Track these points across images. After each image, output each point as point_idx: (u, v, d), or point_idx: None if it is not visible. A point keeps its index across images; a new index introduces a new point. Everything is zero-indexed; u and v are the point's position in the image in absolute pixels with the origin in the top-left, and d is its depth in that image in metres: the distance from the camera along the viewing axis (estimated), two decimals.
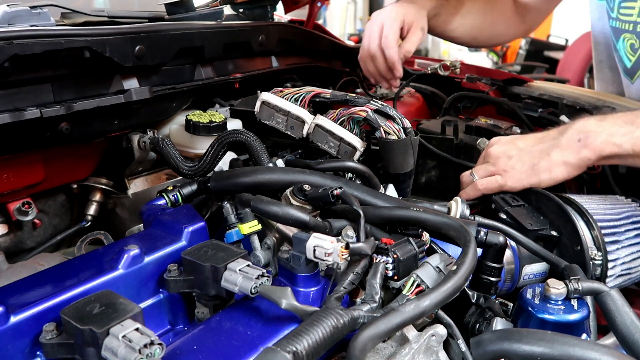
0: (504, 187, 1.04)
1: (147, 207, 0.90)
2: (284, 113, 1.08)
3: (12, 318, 0.58)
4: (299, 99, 1.09)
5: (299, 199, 0.84)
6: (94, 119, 0.97)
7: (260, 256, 0.84)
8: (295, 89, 1.12)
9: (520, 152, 1.04)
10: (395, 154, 1.04)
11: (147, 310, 0.71)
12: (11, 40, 0.77)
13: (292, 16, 1.90)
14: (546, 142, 1.03)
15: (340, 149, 1.06)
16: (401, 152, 1.03)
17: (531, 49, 6.10)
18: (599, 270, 0.91)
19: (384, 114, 1.04)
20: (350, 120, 1.07)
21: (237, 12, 1.60)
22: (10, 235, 1.04)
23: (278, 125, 1.09)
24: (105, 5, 1.91)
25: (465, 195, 1.09)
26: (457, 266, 0.65)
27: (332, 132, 1.05)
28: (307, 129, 1.07)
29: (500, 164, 1.05)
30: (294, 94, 1.10)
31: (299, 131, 1.08)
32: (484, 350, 0.65)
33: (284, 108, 1.08)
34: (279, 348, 0.52)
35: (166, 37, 1.04)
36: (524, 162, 1.02)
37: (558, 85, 1.76)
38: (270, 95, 1.10)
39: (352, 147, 1.05)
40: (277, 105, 1.08)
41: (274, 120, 1.09)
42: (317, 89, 1.11)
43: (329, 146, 1.06)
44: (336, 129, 1.05)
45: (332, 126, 1.05)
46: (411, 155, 1.05)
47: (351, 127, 1.07)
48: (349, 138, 1.05)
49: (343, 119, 1.06)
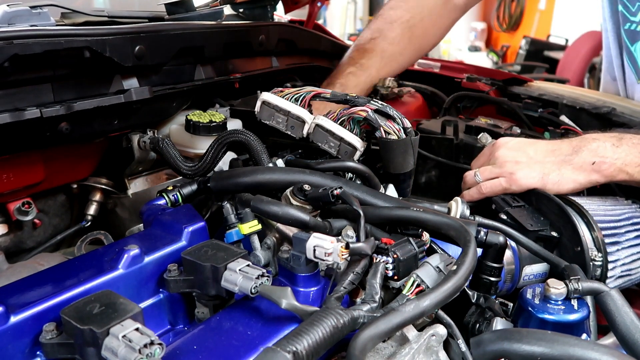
0: (508, 190, 1.04)
1: (147, 207, 0.90)
2: (284, 113, 1.08)
3: (12, 318, 0.58)
4: (299, 99, 1.09)
5: (299, 199, 0.84)
6: (94, 119, 0.97)
7: (260, 256, 0.84)
8: (296, 89, 1.12)
9: (530, 160, 1.04)
10: (396, 154, 1.04)
11: (147, 310, 0.71)
12: (11, 40, 0.78)
13: (292, 16, 1.90)
14: (558, 156, 1.03)
15: (340, 148, 1.06)
16: (401, 152, 1.03)
17: (531, 49, 6.11)
18: (599, 271, 0.91)
19: (384, 113, 1.04)
20: (350, 120, 1.06)
21: (237, 12, 1.60)
22: (10, 235, 1.04)
23: (278, 125, 1.09)
24: (105, 5, 1.91)
25: (468, 197, 1.09)
26: (457, 266, 0.65)
27: (333, 132, 1.05)
28: (308, 129, 1.06)
29: (507, 167, 1.04)
30: (294, 94, 1.09)
31: (299, 131, 1.07)
32: (484, 350, 0.65)
33: (284, 108, 1.07)
34: (279, 348, 0.52)
35: (166, 37, 1.04)
36: (534, 170, 1.02)
37: (558, 85, 1.76)
38: (270, 95, 1.09)
39: (352, 147, 1.05)
40: (278, 105, 1.08)
41: (274, 120, 1.09)
42: (317, 89, 1.11)
43: (329, 146, 1.06)
44: (336, 129, 1.05)
45: (332, 126, 1.05)
46: (411, 155, 1.05)
47: (351, 127, 1.07)
48: (349, 138, 1.05)
49: (343, 118, 1.06)
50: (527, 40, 6.19)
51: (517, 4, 7.32)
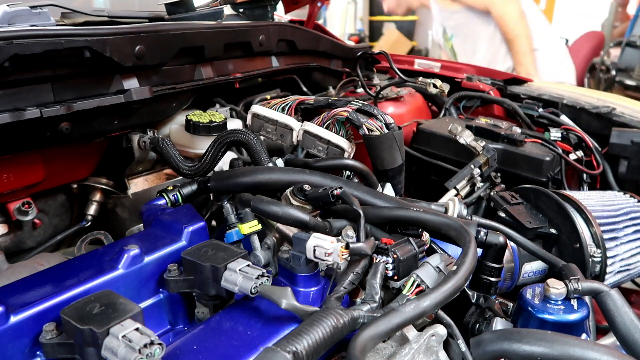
0: None
1: (147, 207, 0.90)
2: (273, 122, 1.13)
3: (12, 318, 0.58)
4: (285, 108, 1.14)
5: (299, 199, 0.84)
6: (94, 118, 0.97)
7: (260, 256, 0.84)
8: (281, 99, 1.17)
9: None
10: (381, 150, 1.06)
11: (147, 310, 0.71)
12: (11, 40, 0.77)
13: (292, 16, 1.90)
14: None
15: (328, 151, 1.09)
16: (386, 147, 1.06)
17: None
18: (598, 268, 0.91)
19: (365, 112, 1.07)
20: (335, 122, 1.10)
21: (237, 12, 1.60)
22: (10, 235, 1.04)
23: (269, 135, 1.14)
24: (105, 5, 1.91)
25: None
26: (457, 266, 0.65)
27: (320, 136, 1.08)
28: (297, 136, 1.11)
29: None
30: (280, 104, 1.15)
31: (289, 139, 1.12)
32: (484, 350, 0.65)
33: (272, 118, 1.12)
34: (279, 348, 0.52)
35: (166, 37, 1.04)
36: None
37: (558, 85, 1.76)
38: (259, 107, 1.15)
39: (339, 148, 1.08)
40: (266, 116, 1.13)
41: (264, 130, 1.14)
42: (301, 97, 1.16)
43: (317, 150, 1.10)
44: (322, 133, 1.08)
45: (318, 130, 1.09)
46: (397, 149, 1.07)
47: (337, 129, 1.11)
48: (335, 140, 1.08)
49: (328, 122, 1.10)
50: None
51: None
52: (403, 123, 1.55)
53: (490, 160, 1.25)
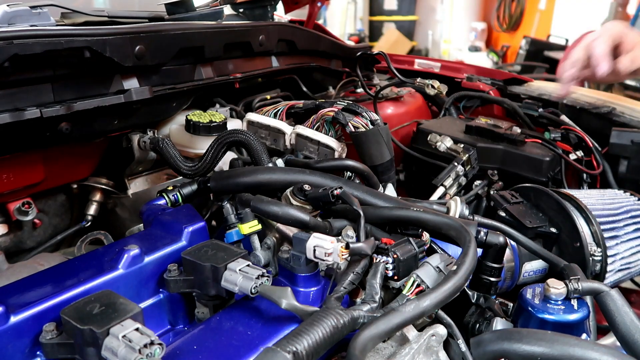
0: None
1: (147, 207, 0.90)
2: (266, 128, 1.17)
3: (12, 318, 0.58)
4: (277, 113, 1.19)
5: (299, 199, 0.84)
6: (94, 118, 0.97)
7: (260, 256, 0.84)
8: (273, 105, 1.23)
9: None
10: (368, 146, 1.08)
11: (147, 310, 0.71)
12: (11, 40, 0.77)
13: (292, 16, 1.90)
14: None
15: (319, 152, 1.10)
16: (373, 142, 1.08)
17: (531, 49, 6.10)
18: (599, 266, 0.91)
19: (351, 111, 1.10)
20: (324, 123, 1.13)
21: (237, 12, 1.60)
22: (10, 235, 1.04)
23: (263, 140, 1.17)
24: (105, 5, 1.91)
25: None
26: (457, 266, 0.65)
27: (310, 137, 1.11)
28: (289, 140, 1.14)
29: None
30: (272, 110, 1.20)
31: (282, 143, 1.15)
32: (484, 350, 0.65)
33: (264, 123, 1.16)
34: (279, 348, 0.52)
35: (166, 37, 1.04)
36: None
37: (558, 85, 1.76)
38: (253, 115, 1.19)
39: (329, 148, 1.10)
40: (259, 122, 1.17)
41: (258, 136, 1.16)
42: (291, 102, 1.21)
43: (309, 151, 1.12)
44: (312, 134, 1.11)
45: (308, 132, 1.12)
46: (384, 145, 1.09)
47: (327, 130, 1.14)
48: (325, 140, 1.10)
49: (318, 123, 1.13)
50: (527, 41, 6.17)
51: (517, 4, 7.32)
52: (403, 123, 1.55)
53: (471, 158, 1.29)
